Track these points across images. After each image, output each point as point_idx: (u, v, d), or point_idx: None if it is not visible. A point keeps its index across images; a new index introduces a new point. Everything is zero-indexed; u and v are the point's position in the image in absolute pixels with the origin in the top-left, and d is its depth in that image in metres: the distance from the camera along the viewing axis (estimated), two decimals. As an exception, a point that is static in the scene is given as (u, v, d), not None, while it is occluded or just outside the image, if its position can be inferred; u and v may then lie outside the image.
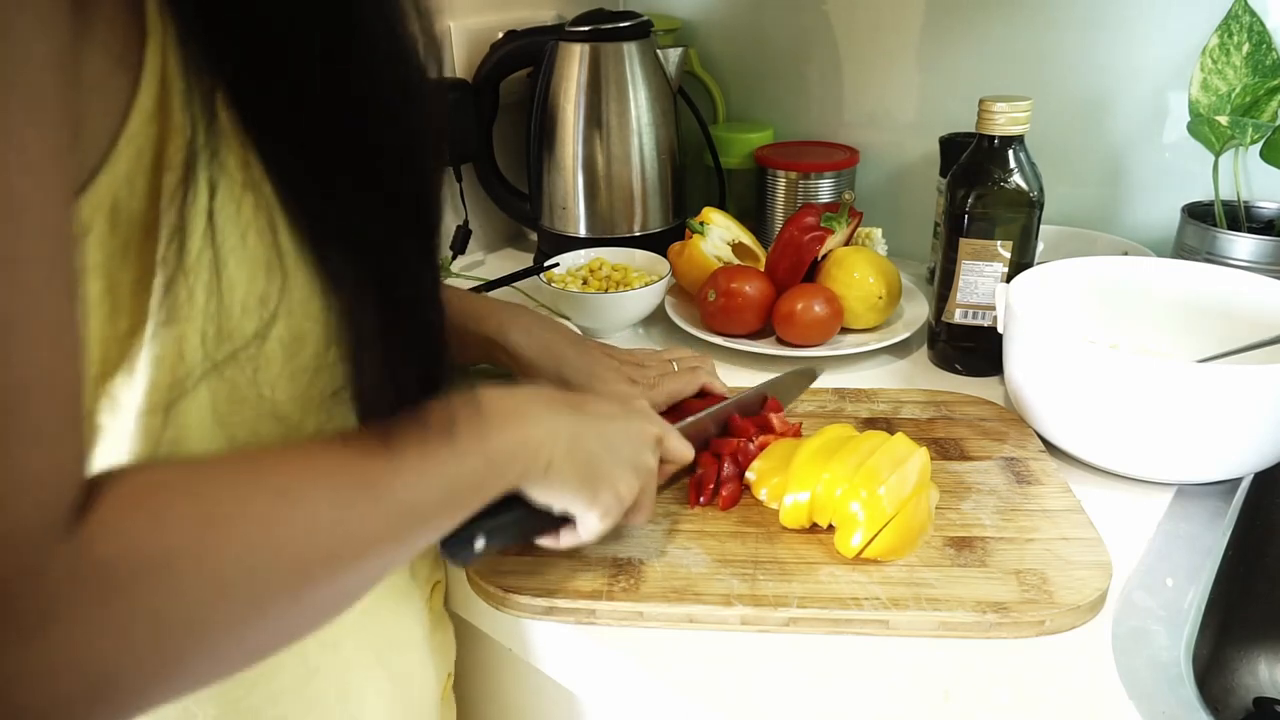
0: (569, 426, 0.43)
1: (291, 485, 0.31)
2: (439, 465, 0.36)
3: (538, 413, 0.42)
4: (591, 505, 0.45)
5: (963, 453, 0.64)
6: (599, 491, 0.45)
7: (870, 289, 0.81)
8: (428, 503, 0.36)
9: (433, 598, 0.53)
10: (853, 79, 1.05)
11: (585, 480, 0.44)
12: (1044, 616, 0.48)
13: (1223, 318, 0.68)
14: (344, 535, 0.32)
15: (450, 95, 0.96)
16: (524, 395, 0.43)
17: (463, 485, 0.38)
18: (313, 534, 0.31)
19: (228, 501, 0.29)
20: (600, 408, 0.47)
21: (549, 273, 0.89)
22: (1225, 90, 0.75)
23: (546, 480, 0.42)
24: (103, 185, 0.28)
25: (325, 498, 0.32)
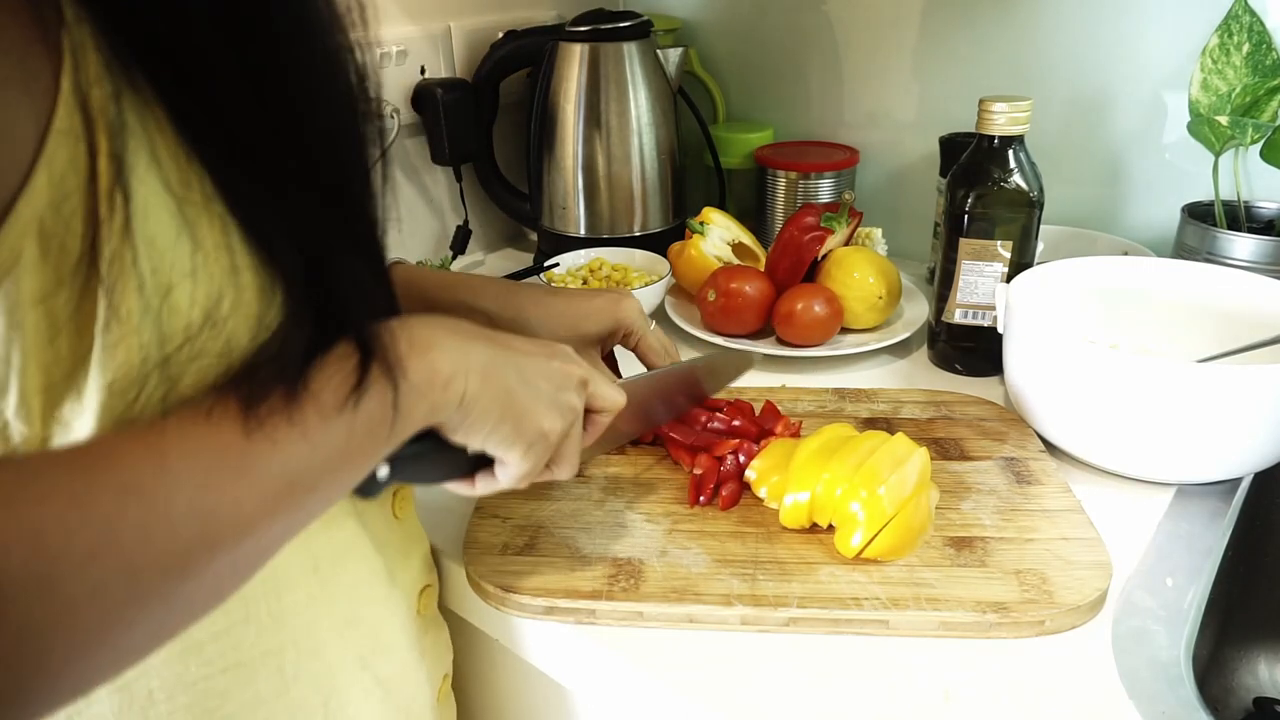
0: (483, 355, 0.40)
1: (140, 479, 0.28)
2: (326, 425, 0.33)
3: (445, 342, 0.38)
4: (514, 441, 0.41)
5: (963, 453, 0.64)
6: (520, 425, 0.41)
7: (870, 289, 0.81)
8: (313, 468, 0.33)
9: (422, 601, 0.52)
10: (853, 79, 1.05)
11: (504, 413, 0.40)
12: (1044, 616, 0.48)
13: (1223, 318, 0.68)
14: (213, 521, 0.29)
15: (450, 95, 0.96)
16: (431, 323, 0.39)
17: (360, 434, 0.34)
18: (172, 527, 0.28)
19: (61, 510, 0.26)
20: (519, 343, 0.44)
21: (549, 273, 0.89)
22: (1225, 90, 0.75)
23: (461, 413, 0.39)
24: (25, 212, 0.27)
25: (183, 485, 0.29)
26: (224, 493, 0.30)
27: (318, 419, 0.32)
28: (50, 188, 0.27)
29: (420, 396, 0.37)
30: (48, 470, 0.27)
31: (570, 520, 0.57)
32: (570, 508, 0.59)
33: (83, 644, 0.26)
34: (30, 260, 0.27)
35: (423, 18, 0.98)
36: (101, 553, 0.26)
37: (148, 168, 0.29)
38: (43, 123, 0.27)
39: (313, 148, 0.33)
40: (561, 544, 0.55)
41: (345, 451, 0.34)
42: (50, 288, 0.28)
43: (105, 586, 0.26)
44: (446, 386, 0.38)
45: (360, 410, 0.34)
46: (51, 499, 0.26)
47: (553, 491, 0.61)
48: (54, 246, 0.28)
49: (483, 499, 0.59)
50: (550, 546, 0.55)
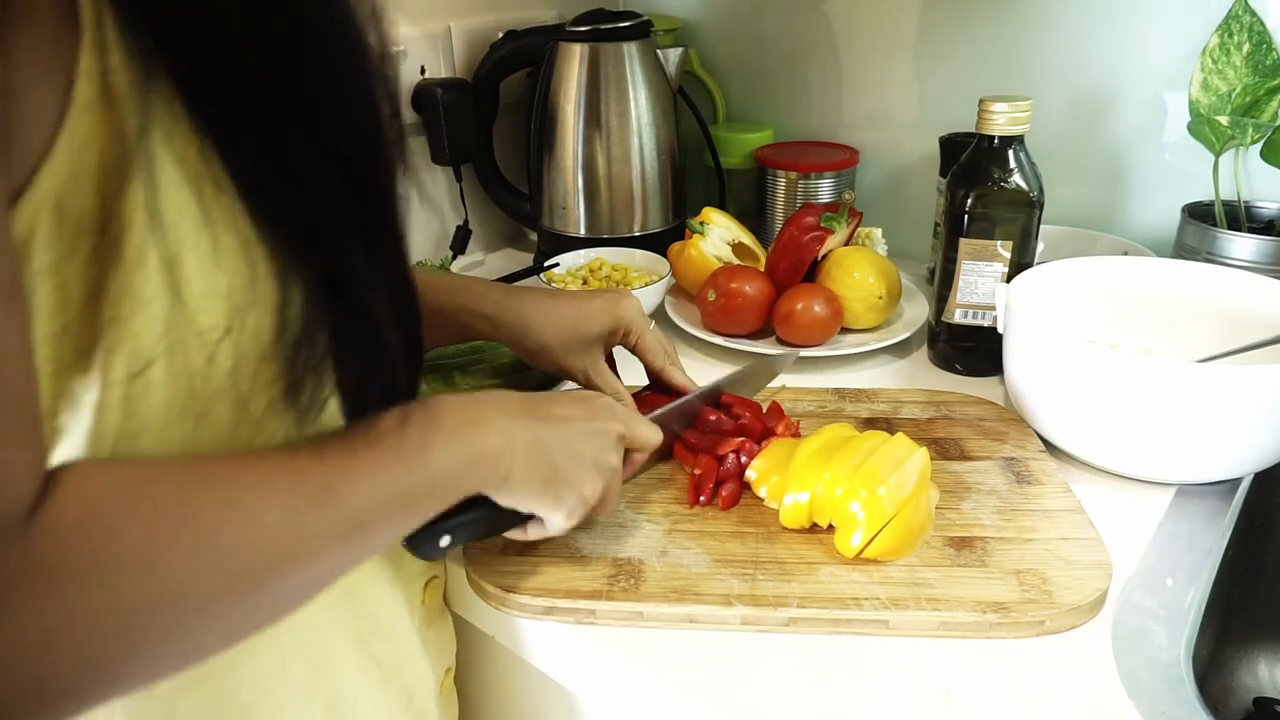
0: (527, 434, 0.44)
1: (239, 494, 0.32)
2: (391, 474, 0.37)
3: (495, 420, 0.43)
4: (555, 509, 0.46)
5: (963, 453, 0.64)
6: (561, 496, 0.46)
7: (870, 289, 0.81)
8: (378, 511, 0.36)
9: (428, 593, 0.53)
10: (853, 79, 1.05)
11: (547, 486, 0.45)
12: (1044, 616, 0.48)
13: (1223, 318, 0.68)
14: (290, 542, 0.33)
15: (450, 95, 0.96)
16: (481, 403, 0.43)
17: (415, 494, 0.38)
18: (259, 539, 0.32)
19: (175, 509, 0.30)
20: (560, 410, 0.48)
21: (549, 273, 0.89)
22: (1225, 90, 0.75)
23: (507, 488, 0.43)
24: (43, 185, 0.28)
25: (272, 506, 0.33)
26: (305, 520, 0.33)
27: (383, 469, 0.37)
28: (70, 161, 0.28)
29: (472, 467, 0.41)
30: (166, 473, 0.31)
31: (575, 527, 0.57)
32: (570, 508, 0.59)
33: (174, 630, 0.30)
34: (45, 232, 0.28)
35: (423, 18, 0.98)
36: (201, 552, 0.30)
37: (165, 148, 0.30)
38: (65, 95, 0.28)
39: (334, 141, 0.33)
40: (561, 544, 0.55)
41: (406, 501, 0.38)
42: (61, 258, 0.29)
43: (199, 582, 0.30)
44: (496, 462, 0.42)
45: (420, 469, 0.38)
46: (166, 503, 0.30)
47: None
48: (69, 220, 0.29)
49: None
50: (550, 546, 0.55)
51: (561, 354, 0.63)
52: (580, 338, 0.63)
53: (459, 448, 0.40)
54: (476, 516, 0.44)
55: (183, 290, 0.31)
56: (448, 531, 0.43)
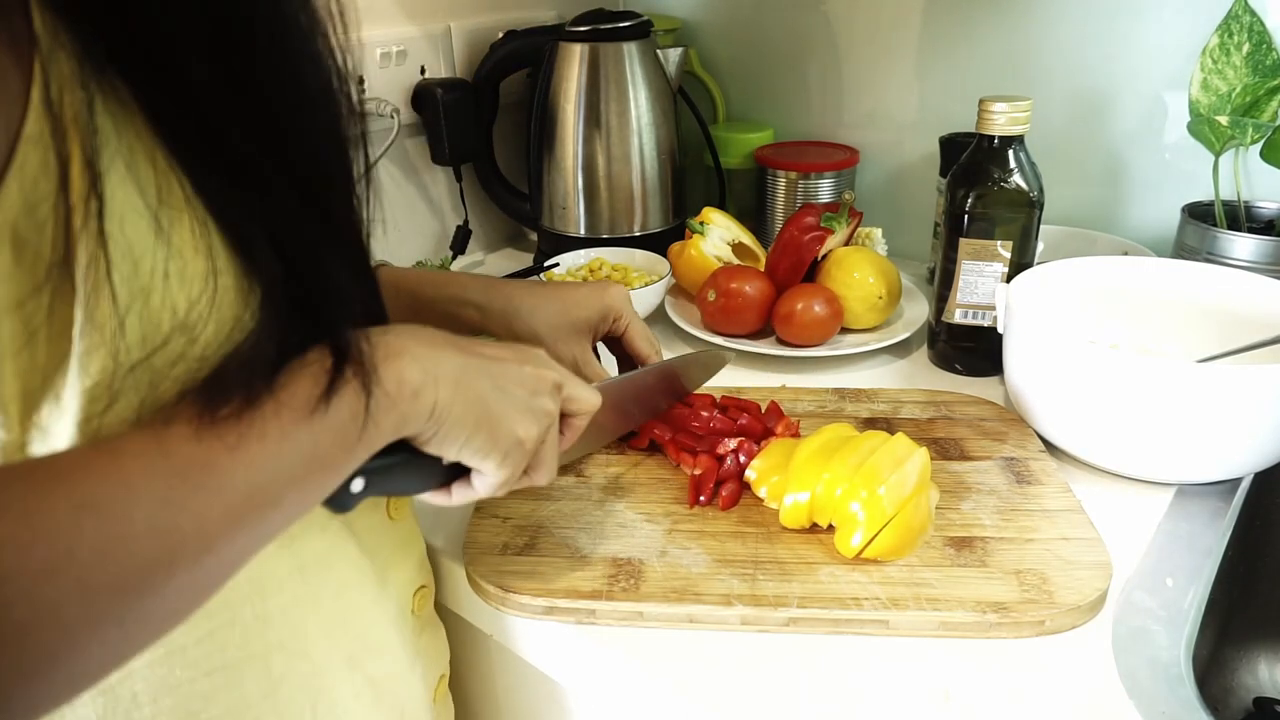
0: (454, 363, 0.39)
1: (98, 495, 0.27)
2: (291, 435, 0.32)
3: (415, 351, 0.38)
4: (489, 450, 0.41)
5: (963, 453, 0.64)
6: (495, 435, 0.41)
7: (870, 289, 0.81)
8: (280, 481, 0.32)
9: (417, 602, 0.52)
10: (853, 79, 1.05)
11: (478, 423, 0.40)
12: (1044, 616, 0.48)
13: (1223, 318, 0.68)
14: (175, 535, 0.29)
15: (450, 95, 0.96)
16: (396, 333, 0.38)
17: (326, 444, 0.33)
18: (132, 542, 0.27)
19: (13, 528, 0.25)
20: (491, 350, 0.43)
21: (549, 273, 0.89)
22: (1225, 90, 0.75)
23: (433, 424, 0.38)
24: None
25: (142, 501, 0.28)
26: (185, 507, 0.29)
27: (279, 427, 0.32)
28: (22, 194, 0.27)
29: (389, 406, 0.36)
30: (2, 486, 0.26)
31: (570, 520, 0.57)
32: (570, 508, 0.59)
33: (33, 667, 0.26)
34: (4, 267, 0.27)
35: (423, 18, 0.98)
36: (55, 572, 0.26)
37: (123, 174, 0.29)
38: (13, 130, 0.27)
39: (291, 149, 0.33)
40: (561, 544, 0.55)
41: (311, 461, 0.33)
42: (25, 294, 0.28)
43: (58, 608, 0.26)
44: (416, 396, 0.37)
45: (328, 418, 0.33)
46: (4, 515, 0.25)
47: (552, 492, 0.61)
48: (28, 253, 0.27)
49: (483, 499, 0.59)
50: (550, 546, 0.55)
51: (551, 341, 0.62)
52: (570, 324, 0.62)
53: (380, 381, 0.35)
54: (397, 459, 0.39)
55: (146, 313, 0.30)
56: (361, 474, 0.37)
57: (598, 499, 0.60)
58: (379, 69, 0.94)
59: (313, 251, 0.34)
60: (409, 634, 0.51)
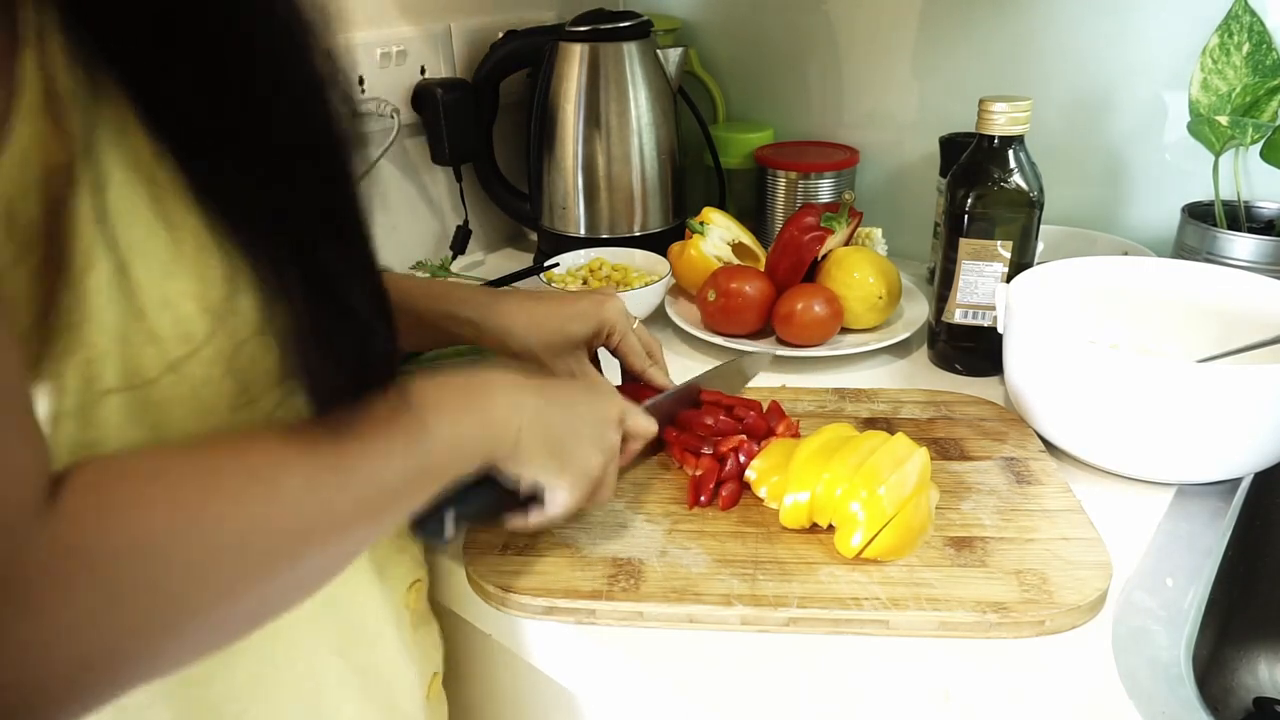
0: (535, 403, 0.45)
1: (261, 467, 0.32)
2: (405, 447, 0.37)
3: (502, 389, 0.44)
4: (560, 477, 0.47)
5: (963, 453, 0.64)
6: (567, 464, 0.47)
7: (870, 289, 0.81)
8: (395, 483, 0.37)
9: (411, 596, 0.52)
10: (853, 79, 1.05)
11: (553, 454, 0.46)
12: (1044, 616, 0.48)
13: (1223, 318, 0.68)
14: (315, 515, 0.33)
15: (450, 95, 0.96)
16: (488, 375, 0.44)
17: (429, 465, 0.39)
18: (284, 513, 0.32)
19: (197, 484, 0.30)
20: (564, 389, 0.50)
21: (549, 273, 0.89)
22: (1225, 90, 0.75)
23: (515, 456, 0.44)
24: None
25: (296, 478, 0.33)
26: (327, 495, 0.34)
27: (404, 439, 0.37)
28: (16, 169, 0.27)
29: (481, 437, 0.42)
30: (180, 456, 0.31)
31: (570, 520, 0.57)
32: (570, 508, 0.59)
33: (200, 607, 0.30)
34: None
35: (423, 18, 0.98)
36: (224, 529, 0.30)
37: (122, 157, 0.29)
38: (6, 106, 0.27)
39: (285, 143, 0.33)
40: (561, 544, 0.55)
41: (422, 474, 0.39)
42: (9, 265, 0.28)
43: (224, 559, 0.30)
44: (504, 427, 0.43)
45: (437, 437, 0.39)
46: (184, 480, 0.30)
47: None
48: (18, 227, 0.28)
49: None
50: (550, 546, 0.55)
51: (546, 357, 0.62)
52: (565, 340, 0.63)
53: (469, 416, 0.41)
54: (481, 493, 0.45)
55: (137, 297, 0.30)
56: (452, 510, 0.44)
57: (598, 499, 0.60)
58: (379, 69, 0.94)
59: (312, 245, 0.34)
60: (403, 628, 0.51)
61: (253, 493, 0.31)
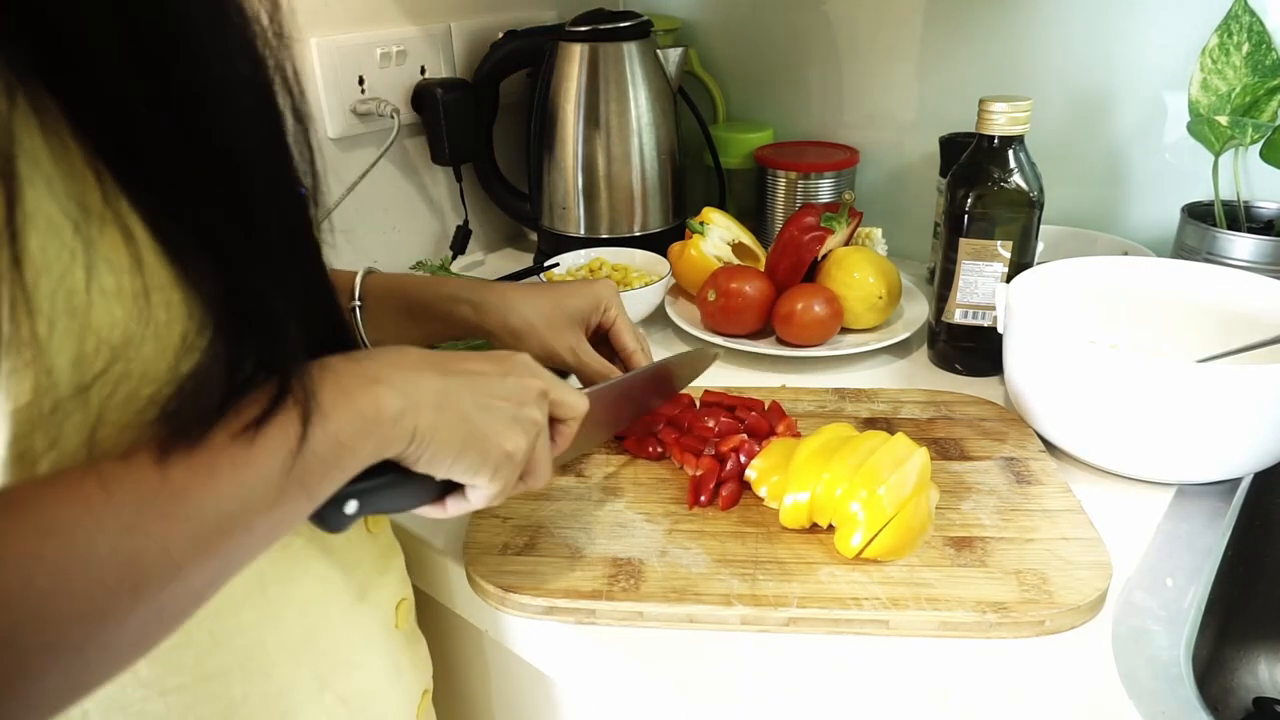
0: (433, 386, 0.39)
1: (59, 520, 0.27)
2: (262, 461, 0.32)
3: (390, 377, 0.38)
4: (479, 467, 0.41)
5: (963, 453, 0.64)
6: (483, 453, 0.41)
7: (870, 289, 0.81)
8: (250, 507, 0.32)
9: (399, 615, 0.51)
10: (853, 79, 1.05)
11: (465, 443, 0.40)
12: (1044, 616, 0.48)
13: (1223, 318, 0.68)
14: (137, 565, 0.28)
15: (450, 95, 0.96)
16: (373, 359, 0.38)
17: (303, 477, 0.33)
18: (95, 569, 0.27)
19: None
20: (472, 365, 0.43)
21: (549, 273, 0.89)
22: (1225, 90, 0.75)
23: (416, 448, 0.38)
24: None
25: (106, 528, 0.28)
26: (150, 535, 0.28)
27: (247, 454, 0.31)
28: None
29: (367, 432, 0.35)
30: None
31: (570, 520, 0.57)
32: (570, 508, 0.59)
33: (13, 680, 0.25)
34: None
35: (423, 18, 0.98)
36: (13, 599, 0.25)
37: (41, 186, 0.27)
38: None
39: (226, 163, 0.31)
40: (561, 544, 0.55)
41: (281, 489, 0.33)
42: None
43: (14, 635, 0.25)
44: (396, 421, 0.37)
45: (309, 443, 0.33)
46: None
47: (552, 492, 0.61)
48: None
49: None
50: (550, 546, 0.55)
51: (547, 332, 0.62)
52: (563, 314, 0.63)
53: (349, 414, 0.35)
54: (389, 480, 0.39)
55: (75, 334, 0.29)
56: (353, 496, 0.38)
57: (597, 499, 0.60)
58: (379, 69, 0.94)
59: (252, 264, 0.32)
60: (391, 648, 0.49)
61: (47, 554, 0.26)
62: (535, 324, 0.62)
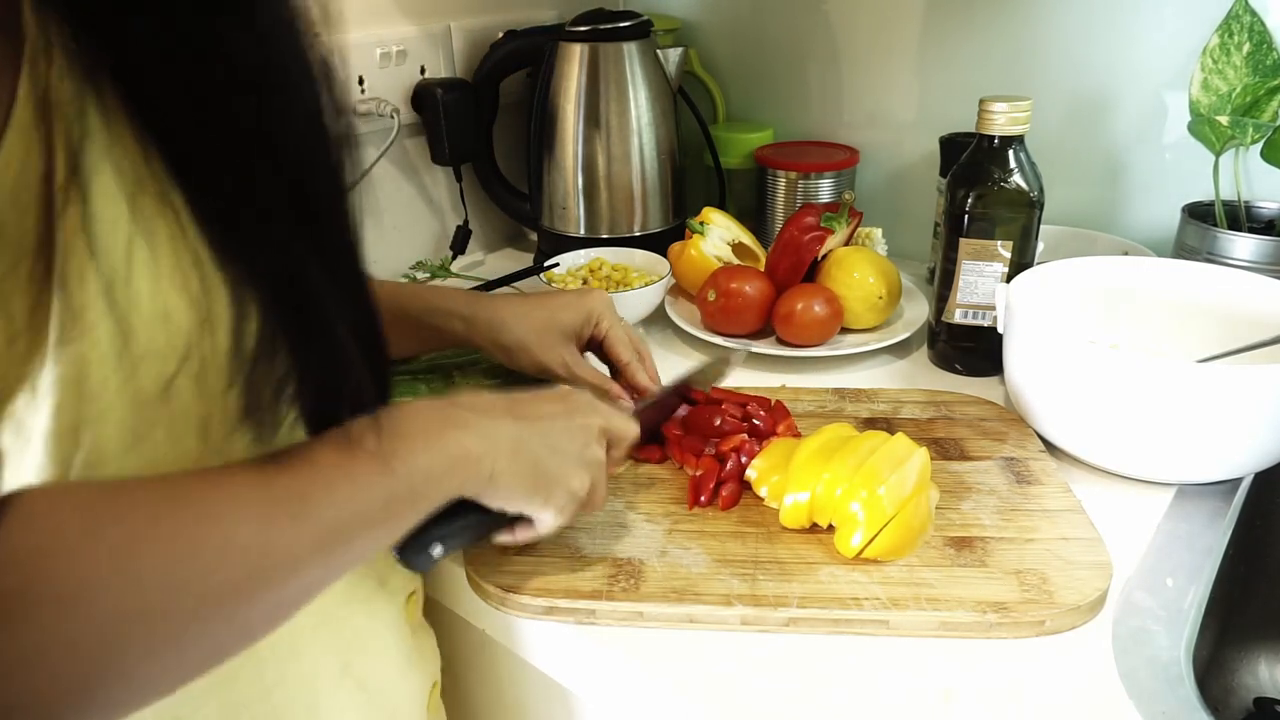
0: (510, 433, 0.43)
1: (209, 506, 0.31)
2: (368, 482, 0.36)
3: (473, 422, 0.42)
4: (545, 506, 0.46)
5: (963, 453, 0.64)
6: (550, 493, 0.45)
7: (870, 289, 0.81)
8: (356, 521, 0.35)
9: (409, 608, 0.52)
10: (853, 79, 1.05)
11: (535, 484, 0.44)
12: (1044, 616, 0.48)
13: (1223, 318, 0.68)
14: (268, 554, 0.32)
15: (450, 95, 0.96)
16: (457, 405, 0.43)
17: (395, 502, 0.37)
18: (234, 554, 0.31)
19: (142, 525, 0.29)
20: (541, 408, 0.47)
21: (549, 273, 0.89)
22: (1225, 90, 0.75)
23: (493, 488, 0.42)
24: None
25: (246, 517, 0.32)
26: (281, 533, 0.32)
27: (365, 475, 0.36)
28: (9, 182, 0.27)
29: (452, 471, 0.40)
30: (129, 492, 0.30)
31: (570, 520, 0.57)
32: (570, 508, 0.59)
33: (144, 651, 0.29)
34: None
35: (423, 18, 0.98)
36: (173, 571, 0.29)
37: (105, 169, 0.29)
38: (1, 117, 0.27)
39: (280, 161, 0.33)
40: (561, 544, 0.55)
41: (386, 508, 0.37)
42: (7, 284, 0.28)
43: (174, 601, 0.29)
44: (478, 464, 0.41)
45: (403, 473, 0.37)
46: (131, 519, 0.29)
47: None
48: (9, 241, 0.28)
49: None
50: (550, 546, 0.55)
51: (539, 348, 0.63)
52: (556, 328, 0.63)
53: (438, 451, 0.39)
54: (467, 522, 0.44)
55: (129, 313, 0.30)
56: (438, 540, 0.43)
57: (598, 499, 0.60)
58: (379, 69, 0.94)
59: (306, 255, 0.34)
60: (403, 638, 0.51)
61: (199, 535, 0.30)
62: (526, 341, 0.63)
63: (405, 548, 0.42)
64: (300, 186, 0.34)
